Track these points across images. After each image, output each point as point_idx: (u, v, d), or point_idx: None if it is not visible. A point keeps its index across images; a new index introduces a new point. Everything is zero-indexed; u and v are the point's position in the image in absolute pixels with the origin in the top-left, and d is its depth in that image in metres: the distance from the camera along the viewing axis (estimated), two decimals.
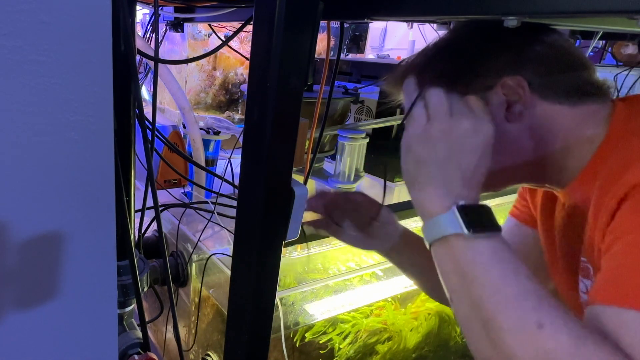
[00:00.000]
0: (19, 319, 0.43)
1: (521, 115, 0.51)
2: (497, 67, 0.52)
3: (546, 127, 0.51)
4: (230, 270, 0.59)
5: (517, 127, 0.51)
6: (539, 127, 0.51)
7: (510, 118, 0.51)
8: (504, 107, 0.51)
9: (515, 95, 0.51)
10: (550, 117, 0.51)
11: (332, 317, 0.91)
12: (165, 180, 1.09)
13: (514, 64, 0.51)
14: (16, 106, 0.36)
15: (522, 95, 0.51)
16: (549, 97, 0.51)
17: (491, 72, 0.52)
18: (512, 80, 0.50)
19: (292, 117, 0.49)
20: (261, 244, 0.53)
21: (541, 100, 0.51)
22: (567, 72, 0.51)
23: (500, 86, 0.51)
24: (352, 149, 1.25)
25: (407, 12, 0.55)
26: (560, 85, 0.51)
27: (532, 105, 0.51)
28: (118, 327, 0.75)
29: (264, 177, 0.50)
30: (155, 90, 0.82)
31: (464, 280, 0.43)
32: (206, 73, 1.91)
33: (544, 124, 0.51)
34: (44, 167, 0.39)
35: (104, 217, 0.44)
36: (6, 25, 0.34)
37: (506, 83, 0.51)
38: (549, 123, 0.51)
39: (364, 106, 1.51)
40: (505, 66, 0.51)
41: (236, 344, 0.60)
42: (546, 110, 0.51)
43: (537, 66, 0.51)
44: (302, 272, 0.94)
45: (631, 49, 1.63)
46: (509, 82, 0.50)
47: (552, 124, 0.51)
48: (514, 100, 0.51)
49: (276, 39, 0.44)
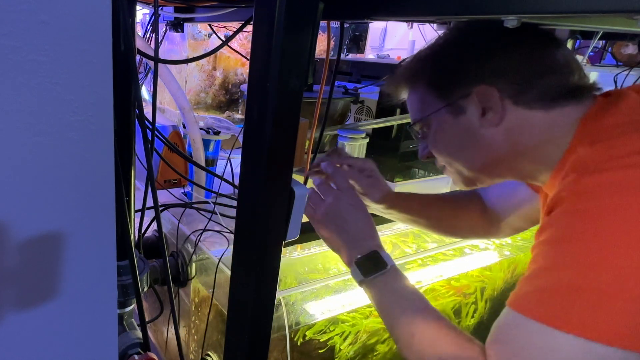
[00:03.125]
0: (19, 319, 0.43)
1: (495, 122, 0.55)
2: (474, 75, 0.56)
3: (518, 131, 0.55)
4: (230, 270, 0.58)
5: (491, 131, 0.56)
6: (513, 131, 0.55)
7: (484, 124, 0.56)
8: (479, 114, 0.56)
9: (488, 102, 0.55)
10: (523, 122, 0.55)
11: (332, 317, 0.91)
12: (165, 180, 1.09)
13: (489, 72, 0.55)
14: (16, 106, 0.36)
15: (494, 102, 0.55)
16: (521, 104, 0.54)
17: (468, 80, 0.56)
18: (484, 89, 0.55)
19: (292, 117, 0.49)
20: (261, 244, 0.53)
21: (514, 106, 0.55)
22: (541, 78, 0.54)
23: (475, 94, 0.55)
24: (352, 149, 1.25)
25: (407, 12, 0.55)
26: (532, 91, 0.54)
27: (505, 112, 0.55)
28: (118, 327, 0.75)
29: (264, 177, 0.50)
30: (155, 90, 0.82)
31: (376, 309, 0.60)
32: (206, 73, 1.91)
33: (516, 129, 0.55)
34: (44, 167, 0.39)
35: (104, 217, 0.44)
36: (6, 25, 0.34)
37: (480, 91, 0.55)
38: (520, 128, 0.55)
39: (364, 106, 1.51)
40: (481, 75, 0.55)
41: (236, 344, 0.60)
42: (518, 115, 0.55)
43: (510, 74, 0.54)
44: (302, 272, 0.94)
45: (631, 49, 1.63)
46: (482, 91, 0.55)
47: (524, 128, 0.55)
48: (488, 107, 0.55)
49: (276, 39, 0.44)
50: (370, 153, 1.34)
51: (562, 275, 0.42)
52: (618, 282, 0.39)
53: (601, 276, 0.39)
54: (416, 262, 1.07)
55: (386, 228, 1.11)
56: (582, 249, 0.41)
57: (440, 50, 0.61)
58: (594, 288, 0.39)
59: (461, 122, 0.58)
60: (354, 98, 1.39)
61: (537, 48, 0.55)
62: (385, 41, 2.75)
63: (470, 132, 0.58)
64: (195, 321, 0.97)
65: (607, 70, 1.63)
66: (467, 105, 0.57)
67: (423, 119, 0.62)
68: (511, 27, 0.48)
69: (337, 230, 0.65)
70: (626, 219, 0.40)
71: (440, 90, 0.59)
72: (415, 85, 0.63)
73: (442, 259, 1.10)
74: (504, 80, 0.54)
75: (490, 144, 0.57)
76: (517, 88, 0.54)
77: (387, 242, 1.10)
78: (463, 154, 0.60)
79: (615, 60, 1.68)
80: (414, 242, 1.12)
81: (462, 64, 0.58)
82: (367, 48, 2.46)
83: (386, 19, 0.86)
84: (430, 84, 0.60)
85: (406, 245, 1.11)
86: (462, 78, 0.57)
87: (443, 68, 0.60)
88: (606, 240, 0.40)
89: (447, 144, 0.61)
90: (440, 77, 0.60)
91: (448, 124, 0.59)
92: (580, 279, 0.40)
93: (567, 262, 0.42)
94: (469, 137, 0.58)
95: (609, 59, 1.75)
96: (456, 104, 0.58)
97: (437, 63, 0.60)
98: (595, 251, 0.40)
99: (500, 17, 0.47)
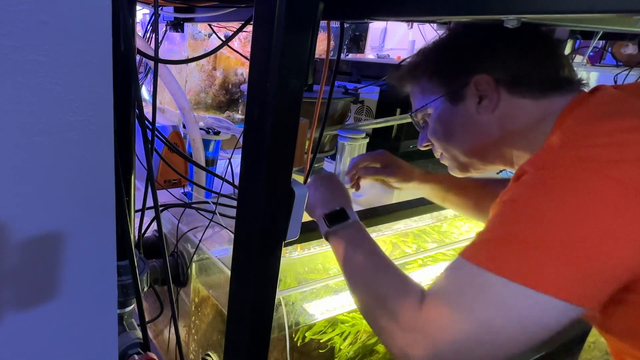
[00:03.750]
0: (19, 319, 0.43)
1: (490, 109, 0.61)
2: (473, 66, 0.61)
3: (510, 118, 0.60)
4: (230, 270, 0.59)
5: (487, 118, 0.62)
6: (505, 118, 0.61)
7: (480, 111, 0.62)
8: (476, 101, 0.62)
9: (485, 91, 0.60)
10: (515, 110, 0.60)
11: (332, 317, 0.91)
12: (165, 180, 1.09)
13: (487, 63, 0.60)
14: (16, 106, 0.36)
15: (490, 91, 0.60)
16: (515, 93, 0.60)
17: (468, 70, 0.61)
18: (482, 78, 0.60)
19: (292, 117, 0.49)
20: (261, 244, 0.53)
21: (508, 95, 0.60)
22: (534, 70, 0.59)
23: (473, 83, 0.61)
24: (352, 149, 1.25)
25: (407, 12, 0.55)
26: (526, 82, 0.59)
27: (499, 100, 0.60)
28: (118, 327, 0.75)
29: (264, 177, 0.50)
30: (155, 90, 0.82)
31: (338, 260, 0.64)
32: (206, 73, 1.91)
33: (509, 116, 0.60)
34: (44, 167, 0.39)
35: (104, 217, 0.44)
36: (6, 25, 0.34)
37: (477, 80, 0.60)
38: (513, 115, 0.60)
39: (364, 106, 1.51)
40: (480, 65, 0.61)
41: (236, 344, 0.60)
42: (512, 104, 0.60)
43: (507, 66, 0.60)
44: (302, 272, 0.94)
45: (631, 49, 1.63)
46: (479, 80, 0.60)
47: (516, 116, 0.60)
48: (484, 95, 0.61)
49: (276, 39, 0.44)
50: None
51: (509, 228, 0.45)
52: (559, 239, 0.42)
53: (544, 231, 0.43)
54: (416, 262, 1.07)
55: (386, 228, 1.11)
56: (530, 207, 0.45)
57: (442, 45, 0.66)
58: (535, 241, 0.43)
59: (459, 109, 0.63)
60: (354, 98, 1.39)
61: (533, 44, 0.60)
62: (385, 41, 2.75)
63: (467, 118, 0.63)
64: (195, 321, 0.97)
65: (607, 70, 1.63)
66: (466, 93, 0.62)
67: (424, 107, 0.68)
68: (511, 27, 0.48)
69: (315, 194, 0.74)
70: (576, 189, 0.43)
71: (441, 79, 0.65)
72: (418, 78, 0.69)
73: (442, 259, 1.10)
74: (500, 71, 0.59)
75: (484, 130, 0.62)
76: (512, 79, 0.59)
77: (387, 242, 1.10)
78: (459, 139, 0.66)
79: (615, 60, 1.68)
80: (414, 242, 1.12)
81: (463, 56, 0.63)
82: (367, 48, 2.46)
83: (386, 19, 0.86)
84: (432, 74, 0.66)
85: (406, 245, 1.11)
86: (462, 68, 0.62)
87: (444, 60, 0.65)
88: (553, 201, 0.43)
89: (445, 130, 0.67)
90: (442, 68, 0.65)
91: (447, 111, 0.65)
92: (524, 232, 0.44)
93: (515, 217, 0.46)
94: (465, 123, 0.64)
95: (609, 59, 1.75)
96: (456, 92, 0.63)
97: (439, 56, 0.66)
98: (542, 210, 0.44)
99: (501, 17, 0.47)
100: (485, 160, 0.66)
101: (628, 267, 0.42)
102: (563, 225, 0.42)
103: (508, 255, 0.44)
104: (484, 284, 0.44)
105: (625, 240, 0.41)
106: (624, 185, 0.41)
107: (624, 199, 0.41)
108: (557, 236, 0.42)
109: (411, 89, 0.71)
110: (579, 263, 0.41)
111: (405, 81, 0.72)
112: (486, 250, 0.46)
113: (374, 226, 1.05)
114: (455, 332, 0.44)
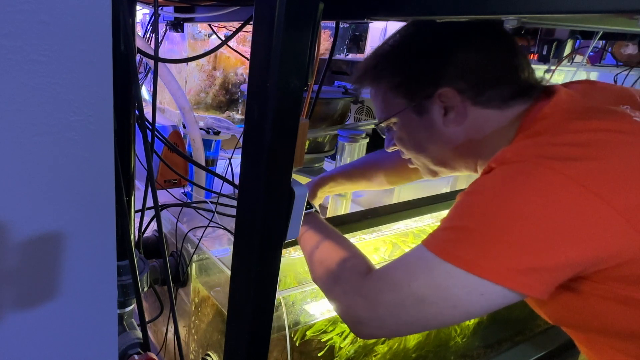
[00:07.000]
0: (19, 319, 0.43)
1: (455, 120, 0.61)
2: (435, 77, 0.60)
3: (476, 129, 0.61)
4: (230, 270, 0.59)
5: (452, 129, 0.62)
6: (471, 129, 0.61)
7: (446, 123, 0.61)
8: (442, 113, 0.61)
9: (450, 103, 0.60)
10: (481, 121, 0.60)
11: (332, 317, 0.91)
12: (165, 180, 1.09)
13: (450, 74, 0.59)
14: (16, 106, 0.36)
15: (455, 103, 0.60)
16: (478, 104, 0.59)
17: (430, 82, 0.60)
18: (446, 91, 0.59)
19: (292, 117, 0.49)
20: (261, 244, 0.53)
21: (473, 106, 0.60)
22: (497, 80, 0.59)
23: (437, 96, 0.60)
24: (352, 149, 1.25)
25: (407, 12, 0.55)
26: (489, 92, 0.59)
27: (464, 111, 0.60)
28: (118, 327, 0.75)
29: (264, 177, 0.50)
30: (155, 90, 0.82)
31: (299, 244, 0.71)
32: (206, 73, 1.91)
33: (474, 127, 0.61)
34: (44, 167, 0.39)
35: (104, 217, 0.44)
36: (6, 25, 0.34)
37: (442, 93, 0.60)
38: (478, 126, 0.60)
39: (364, 106, 1.51)
40: (442, 76, 0.60)
41: (236, 344, 0.60)
42: (477, 114, 0.60)
43: (469, 76, 0.59)
44: (302, 272, 0.94)
45: (631, 49, 1.63)
46: (444, 93, 0.60)
47: (482, 126, 0.60)
48: (450, 107, 0.60)
49: (276, 39, 0.44)
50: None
51: (463, 219, 0.49)
52: (507, 231, 0.45)
53: (493, 223, 0.46)
54: None
55: (386, 228, 1.11)
56: (486, 199, 0.48)
57: (400, 49, 0.65)
58: (482, 231, 0.46)
59: (425, 121, 0.63)
60: (354, 98, 1.39)
61: (493, 48, 0.59)
62: None
63: (433, 130, 0.63)
64: (195, 321, 0.97)
65: (607, 70, 1.63)
66: (431, 106, 0.62)
67: (389, 119, 0.67)
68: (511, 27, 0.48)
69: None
70: (533, 185, 0.45)
71: (403, 91, 0.64)
72: (378, 85, 0.67)
73: None
74: (463, 82, 0.59)
75: (451, 141, 0.63)
76: (475, 89, 0.59)
77: (387, 242, 1.10)
78: (428, 150, 0.66)
79: (615, 60, 1.68)
80: (414, 242, 1.12)
81: (423, 65, 0.62)
82: (367, 48, 2.46)
83: (386, 19, 0.86)
84: (392, 85, 0.65)
85: (406, 245, 1.11)
86: (424, 80, 0.61)
87: (404, 70, 0.63)
88: (508, 195, 0.46)
89: (413, 140, 0.67)
90: (403, 78, 0.64)
91: (413, 123, 0.65)
92: (473, 223, 0.47)
93: (469, 209, 0.49)
94: (432, 135, 0.64)
95: (609, 59, 1.75)
96: (420, 105, 0.62)
97: (398, 64, 0.64)
98: (496, 203, 0.47)
99: (500, 17, 0.47)
100: (453, 169, 0.68)
101: (574, 264, 0.44)
102: (513, 218, 0.45)
103: (456, 244, 0.47)
104: (428, 265, 0.48)
105: (575, 240, 0.43)
106: (581, 185, 0.43)
107: (580, 198, 0.43)
108: (505, 228, 0.45)
109: (371, 91, 0.70)
110: (522, 255, 0.44)
111: (365, 86, 0.71)
112: (438, 238, 0.50)
113: (374, 226, 1.05)
114: (390, 299, 0.50)
